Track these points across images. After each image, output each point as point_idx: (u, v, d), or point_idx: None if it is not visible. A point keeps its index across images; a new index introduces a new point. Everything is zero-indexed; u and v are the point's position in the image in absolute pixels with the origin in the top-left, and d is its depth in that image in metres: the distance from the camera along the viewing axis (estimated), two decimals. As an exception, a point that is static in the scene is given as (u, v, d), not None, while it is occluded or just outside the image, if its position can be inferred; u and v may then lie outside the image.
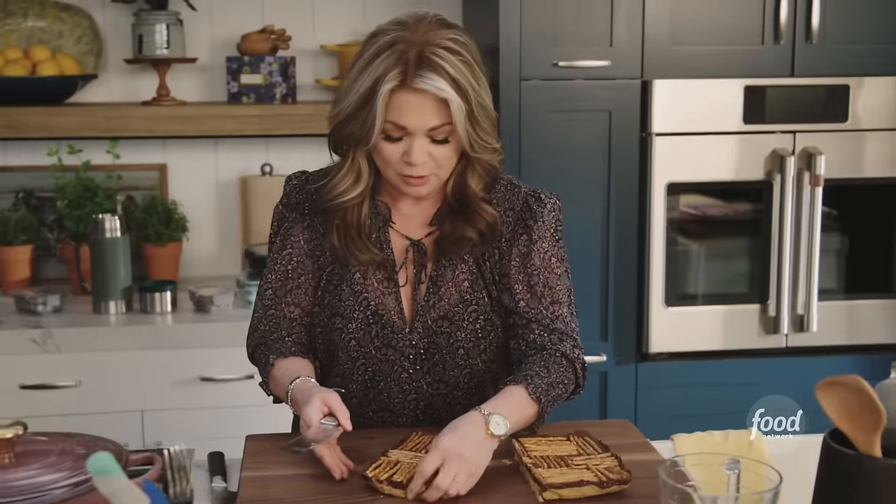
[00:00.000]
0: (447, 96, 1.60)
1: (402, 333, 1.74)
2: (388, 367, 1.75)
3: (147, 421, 2.86)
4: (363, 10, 3.39)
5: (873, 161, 2.98)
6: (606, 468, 1.57)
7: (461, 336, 1.73)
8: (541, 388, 1.64)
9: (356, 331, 1.74)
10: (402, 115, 1.61)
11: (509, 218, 1.77)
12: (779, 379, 3.01)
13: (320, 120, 3.08)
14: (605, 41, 2.87)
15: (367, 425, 1.77)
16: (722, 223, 3.06)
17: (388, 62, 1.59)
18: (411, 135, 1.63)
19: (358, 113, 1.63)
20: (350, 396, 1.75)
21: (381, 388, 1.76)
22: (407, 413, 1.77)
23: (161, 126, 3.08)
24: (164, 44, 3.14)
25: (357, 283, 1.74)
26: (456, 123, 1.62)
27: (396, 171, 1.68)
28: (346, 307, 1.74)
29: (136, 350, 2.85)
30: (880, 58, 2.95)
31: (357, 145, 1.67)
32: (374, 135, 1.62)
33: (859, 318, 3.04)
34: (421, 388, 1.76)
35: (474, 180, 1.73)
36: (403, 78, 1.59)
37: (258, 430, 2.86)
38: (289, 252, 1.79)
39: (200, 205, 3.39)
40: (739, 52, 2.91)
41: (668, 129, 2.88)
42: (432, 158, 1.66)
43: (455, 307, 1.74)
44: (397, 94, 1.60)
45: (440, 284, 1.74)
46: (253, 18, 3.34)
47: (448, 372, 1.75)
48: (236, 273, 3.40)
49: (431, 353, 1.74)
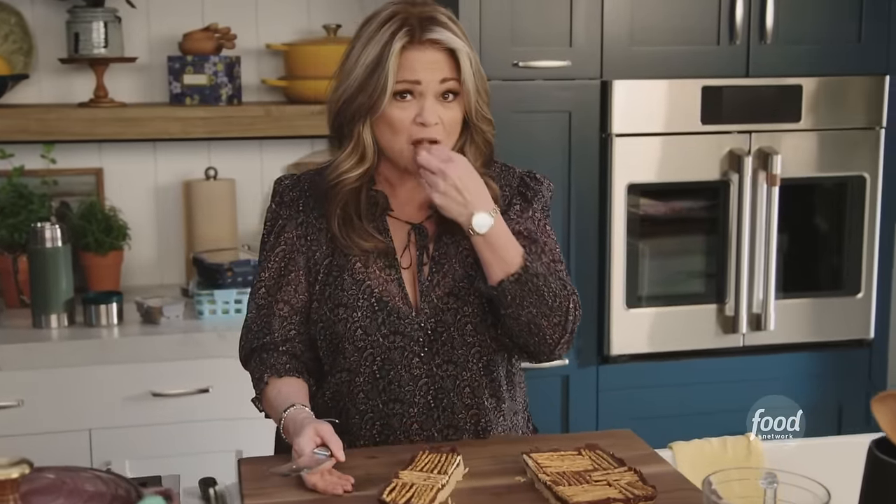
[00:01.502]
0: (457, 45, 1.65)
1: (410, 318, 1.71)
2: (397, 354, 1.71)
3: (95, 440, 2.72)
4: (308, 9, 3.29)
5: (825, 160, 3.01)
6: (628, 483, 1.52)
7: (468, 311, 1.72)
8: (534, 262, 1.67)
9: (362, 319, 1.71)
10: (415, 71, 1.64)
11: (506, 193, 1.79)
12: (737, 378, 3.02)
13: (269, 122, 3.00)
14: (565, 41, 2.83)
15: (378, 419, 1.74)
16: (680, 224, 3.05)
17: (392, 28, 1.64)
18: (422, 94, 1.65)
19: (367, 81, 1.65)
20: (357, 391, 1.74)
21: (391, 377, 1.72)
22: (418, 401, 1.73)
23: (101, 129, 2.93)
24: (101, 42, 2.99)
25: (359, 272, 1.72)
26: (465, 77, 1.65)
27: (408, 138, 1.67)
28: (349, 297, 1.71)
29: (82, 366, 2.70)
30: (832, 58, 2.98)
31: (365, 117, 1.67)
32: (385, 98, 1.63)
33: (814, 315, 3.07)
34: (431, 371, 1.72)
35: (473, 154, 1.74)
36: (412, 36, 1.63)
37: (214, 446, 2.78)
38: (282, 249, 1.77)
39: (139, 211, 3.25)
40: (696, 53, 2.91)
41: (628, 129, 2.87)
42: (442, 123, 1.67)
43: (460, 282, 1.72)
44: (408, 51, 1.64)
45: (443, 262, 1.74)
46: (193, 17, 3.21)
47: (457, 350, 1.72)
48: (179, 282, 3.27)
49: (439, 332, 1.72)
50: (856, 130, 3.01)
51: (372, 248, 1.72)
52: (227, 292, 2.85)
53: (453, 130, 1.70)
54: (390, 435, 1.74)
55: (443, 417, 1.74)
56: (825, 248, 3.14)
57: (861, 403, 3.15)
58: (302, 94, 3.09)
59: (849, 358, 3.12)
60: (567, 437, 1.77)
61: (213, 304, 2.85)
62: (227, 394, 2.77)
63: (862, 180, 3.04)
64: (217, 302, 2.85)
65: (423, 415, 1.73)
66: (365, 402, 1.74)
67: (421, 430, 1.74)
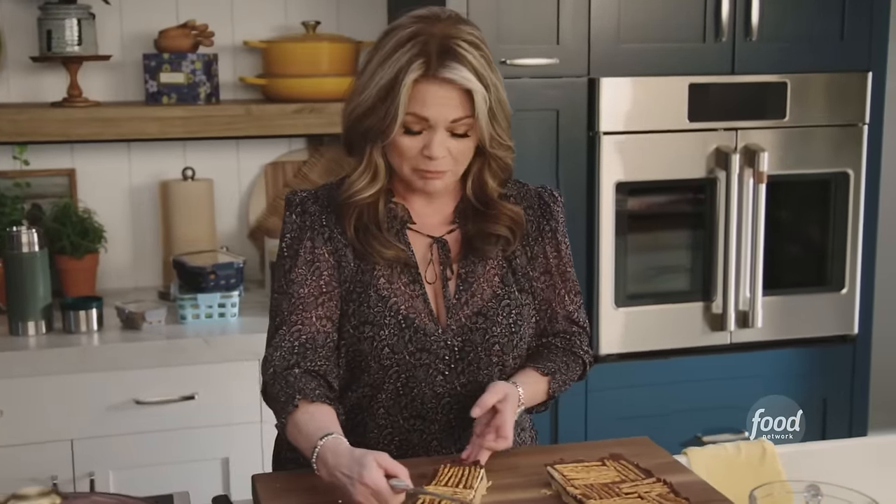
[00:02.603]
0: (472, 86, 1.59)
1: (436, 335, 1.69)
2: (422, 371, 1.68)
3: (78, 450, 2.65)
4: (285, 5, 3.22)
5: (810, 157, 3.02)
6: (659, 495, 1.50)
7: (496, 332, 1.70)
8: (558, 385, 1.75)
9: (389, 337, 1.67)
10: (426, 107, 1.60)
11: (530, 217, 1.78)
12: (725, 376, 3.02)
13: (250, 121, 2.94)
14: (552, 39, 2.80)
15: (397, 434, 1.71)
16: (668, 222, 3.04)
17: (410, 53, 1.59)
18: (432, 128, 1.62)
19: (378, 105, 1.61)
20: (377, 406, 1.71)
21: (414, 394, 1.69)
22: (439, 419, 1.71)
23: (77, 129, 2.84)
24: (75, 40, 2.90)
25: (384, 289, 1.68)
26: (479, 116, 1.61)
27: (412, 166, 1.66)
28: (374, 314, 1.67)
29: (62, 374, 2.62)
30: (816, 55, 2.98)
31: (375, 140, 1.65)
32: (395, 127, 1.61)
33: (799, 312, 3.08)
34: (454, 389, 1.70)
35: (490, 178, 1.73)
36: (427, 68, 1.58)
37: (200, 454, 2.72)
38: (318, 266, 1.70)
39: (113, 212, 3.16)
40: (683, 50, 2.89)
41: (616, 127, 2.84)
42: (450, 153, 1.64)
43: (489, 302, 1.71)
44: (420, 84, 1.59)
45: (471, 281, 1.72)
46: (167, 13, 3.13)
47: (482, 371, 1.70)
48: (155, 285, 3.20)
49: (466, 351, 1.69)
50: (839, 127, 3.02)
51: (393, 258, 1.68)
52: (210, 296, 2.79)
53: (462, 160, 1.68)
54: (409, 450, 1.71)
55: (463, 436, 1.71)
56: (810, 245, 3.14)
57: (846, 398, 3.17)
58: (281, 93, 3.03)
59: (833, 353, 3.13)
60: (585, 446, 1.74)
61: (197, 308, 2.78)
62: (213, 400, 2.71)
63: (846, 177, 3.05)
64: (200, 306, 2.78)
65: (443, 432, 1.71)
66: (385, 418, 1.71)
67: (440, 447, 1.72)
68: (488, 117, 1.62)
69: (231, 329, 2.78)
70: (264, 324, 2.77)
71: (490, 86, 1.61)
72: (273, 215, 3.23)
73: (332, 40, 3.07)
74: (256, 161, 3.27)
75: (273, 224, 3.19)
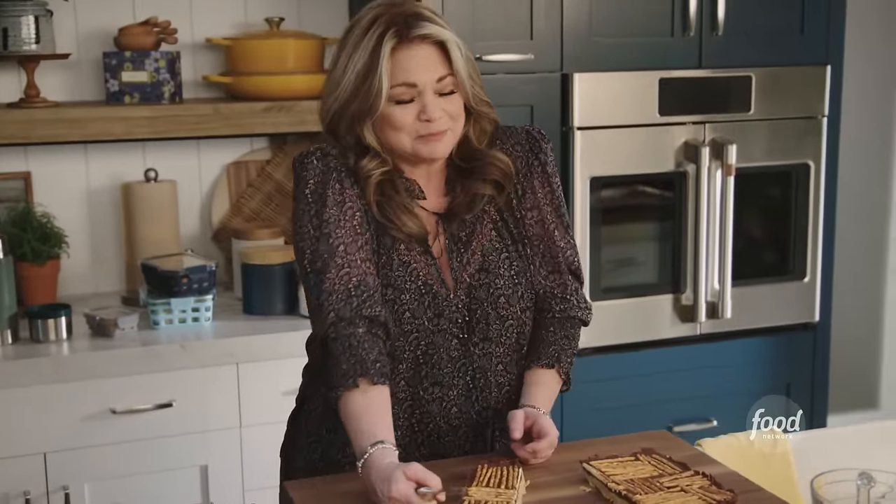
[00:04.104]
0: (446, 37, 1.65)
1: (448, 299, 1.71)
2: (440, 337, 1.70)
3: (51, 463, 2.56)
4: (244, 2, 3.15)
5: (773, 149, 3.08)
6: (702, 488, 1.51)
7: (500, 284, 1.73)
8: (567, 365, 1.80)
9: (410, 302, 1.69)
10: (410, 73, 1.64)
11: (519, 153, 1.79)
12: (695, 366, 3.07)
13: (218, 120, 2.88)
14: (526, 34, 2.80)
15: (417, 406, 1.72)
16: (639, 215, 3.08)
17: (380, 30, 1.63)
18: (421, 93, 1.65)
19: (360, 86, 1.64)
20: (398, 378, 1.70)
21: (433, 361, 1.71)
22: (457, 384, 1.73)
23: (38, 131, 2.74)
24: (32, 38, 2.80)
25: (404, 254, 1.70)
26: (458, 68, 1.65)
27: (413, 135, 1.67)
28: (397, 278, 1.69)
29: (33, 385, 2.53)
30: (778, 49, 3.04)
31: (363, 120, 1.66)
32: (381, 100, 1.63)
33: (765, 301, 3.14)
34: (468, 351, 1.72)
35: (479, 136, 1.75)
36: (400, 36, 1.63)
37: (178, 462, 2.65)
38: (350, 206, 1.67)
39: (70, 216, 3.05)
40: (652, 45, 2.93)
41: (589, 122, 2.86)
42: (446, 113, 1.67)
43: (489, 256, 1.74)
44: (398, 52, 1.63)
45: (471, 241, 1.74)
46: (123, 10, 3.04)
47: (492, 326, 1.73)
48: (117, 289, 3.11)
49: (474, 309, 1.72)
50: (801, 120, 3.09)
51: (415, 231, 1.69)
52: (184, 300, 2.72)
53: (460, 117, 1.70)
54: (430, 422, 1.72)
55: (480, 399, 1.74)
56: (774, 235, 3.21)
57: (807, 383, 3.25)
58: (247, 91, 2.96)
59: (796, 341, 3.21)
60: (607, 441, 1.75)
61: (170, 313, 2.71)
62: (191, 407, 2.64)
63: (807, 168, 3.12)
64: (174, 311, 2.71)
65: (461, 397, 1.73)
66: (406, 390, 1.71)
67: (460, 414, 1.73)
68: (467, 70, 1.66)
69: (205, 333, 2.71)
70: (239, 327, 2.78)
71: (460, 41, 1.67)
72: (237, 216, 3.16)
73: (298, 37, 3.02)
74: (218, 161, 3.20)
75: (238, 224, 3.12)
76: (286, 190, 3.19)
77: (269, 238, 2.98)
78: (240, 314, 2.87)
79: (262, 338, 2.70)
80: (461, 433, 1.73)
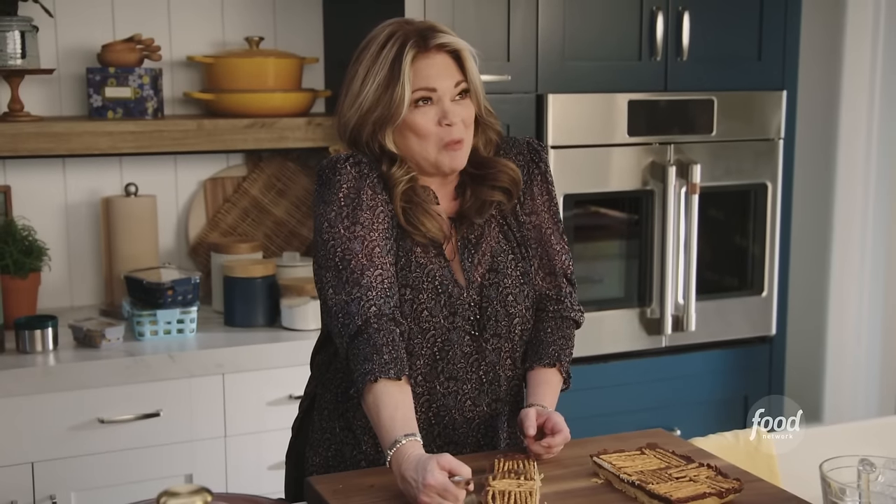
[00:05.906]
0: (463, 45, 1.77)
1: (462, 298, 1.79)
2: (455, 334, 1.79)
3: (39, 473, 2.58)
4: (222, 21, 3.22)
5: (733, 169, 3.23)
6: (708, 478, 1.61)
7: (508, 283, 1.82)
8: (566, 363, 1.91)
9: (427, 301, 1.77)
10: (430, 79, 1.73)
11: (521, 162, 1.89)
12: (660, 377, 3.19)
13: (202, 136, 2.94)
14: (503, 56, 2.91)
15: (434, 401, 1.80)
16: (607, 232, 3.19)
17: (399, 43, 1.73)
18: (440, 98, 1.74)
19: (382, 95, 1.73)
20: (415, 374, 1.78)
21: (448, 356, 1.79)
22: (470, 378, 1.81)
23: (22, 145, 2.76)
24: (17, 53, 2.83)
25: (421, 257, 1.79)
26: (472, 76, 1.77)
27: (437, 141, 1.75)
28: (415, 279, 1.77)
29: (20, 396, 2.55)
30: (738, 74, 3.20)
31: (385, 127, 1.75)
32: (404, 107, 1.72)
33: (726, 315, 3.28)
34: (480, 346, 1.81)
35: (484, 144, 1.85)
36: (419, 46, 1.73)
37: (165, 472, 2.68)
38: (381, 212, 1.76)
39: (49, 229, 3.08)
40: (621, 68, 3.05)
41: (563, 141, 2.97)
42: (462, 121, 1.76)
43: (497, 257, 1.83)
44: (419, 61, 1.73)
45: (481, 243, 1.83)
46: (103, 28, 3.08)
47: (501, 323, 1.82)
48: (95, 302, 3.13)
49: (485, 307, 1.81)
50: (759, 141, 3.24)
51: (436, 233, 1.77)
52: (169, 312, 2.76)
53: (470, 125, 1.79)
54: (446, 415, 1.80)
55: (490, 391, 1.83)
56: (734, 252, 3.35)
57: (764, 394, 3.39)
58: (228, 108, 3.03)
59: (754, 353, 3.35)
60: (610, 439, 1.84)
61: (155, 324, 2.75)
62: (178, 416, 2.68)
63: (764, 188, 3.27)
64: (159, 322, 2.76)
65: (475, 390, 1.82)
66: (423, 385, 1.79)
67: (473, 406, 1.82)
68: (480, 80, 1.79)
69: (190, 344, 2.76)
70: (222, 338, 2.82)
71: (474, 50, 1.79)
72: (214, 231, 3.21)
73: (278, 56, 3.09)
74: (195, 177, 3.24)
75: (216, 239, 3.17)
76: (262, 205, 3.25)
77: (249, 252, 3.03)
78: (221, 326, 2.92)
79: (247, 349, 2.75)
80: (475, 425, 1.83)
